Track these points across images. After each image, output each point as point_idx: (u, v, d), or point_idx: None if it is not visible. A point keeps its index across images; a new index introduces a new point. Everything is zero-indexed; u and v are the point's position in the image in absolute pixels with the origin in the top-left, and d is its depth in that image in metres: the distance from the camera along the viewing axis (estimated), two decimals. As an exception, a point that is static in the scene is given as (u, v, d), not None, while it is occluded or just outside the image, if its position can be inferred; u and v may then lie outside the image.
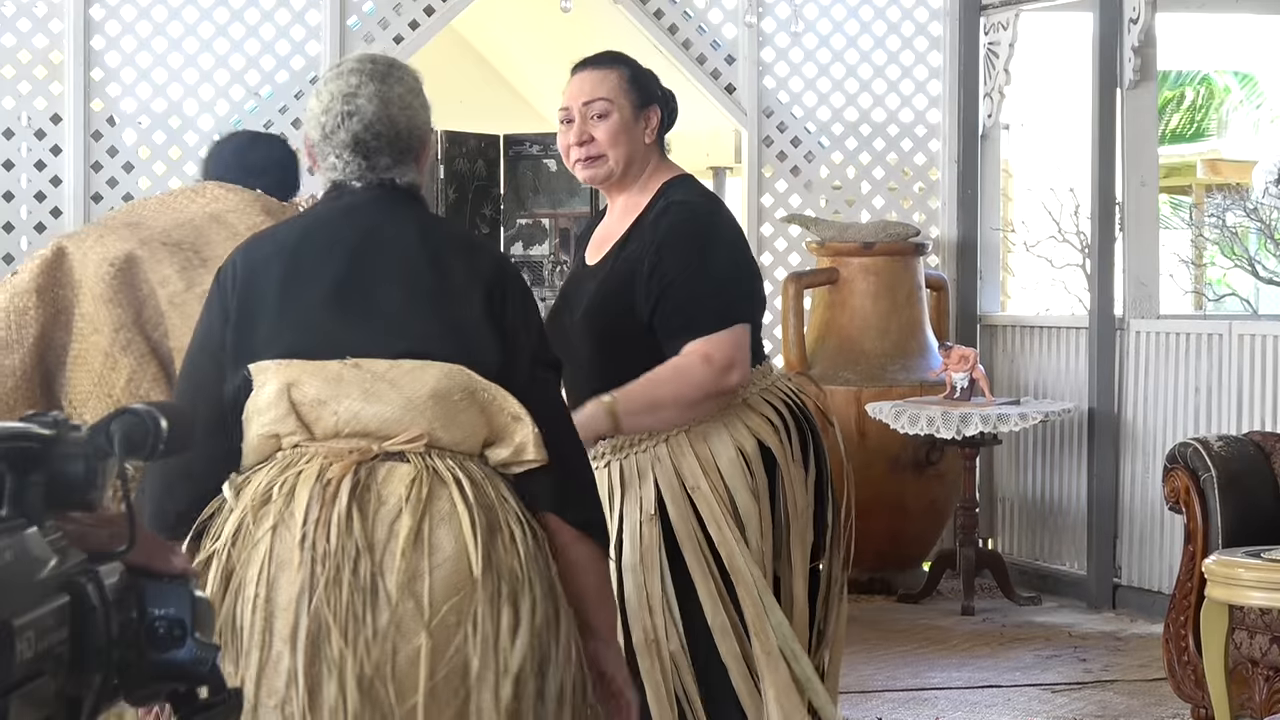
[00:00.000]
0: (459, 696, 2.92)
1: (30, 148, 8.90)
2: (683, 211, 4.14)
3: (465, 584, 2.95)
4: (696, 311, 4.05)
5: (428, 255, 3.14)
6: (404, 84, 3.22)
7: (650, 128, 4.20)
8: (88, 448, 1.71)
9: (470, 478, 3.01)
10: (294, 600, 2.92)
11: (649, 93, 4.22)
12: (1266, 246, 11.33)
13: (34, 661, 1.62)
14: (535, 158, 10.22)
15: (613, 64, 4.24)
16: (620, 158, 4.17)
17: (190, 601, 1.78)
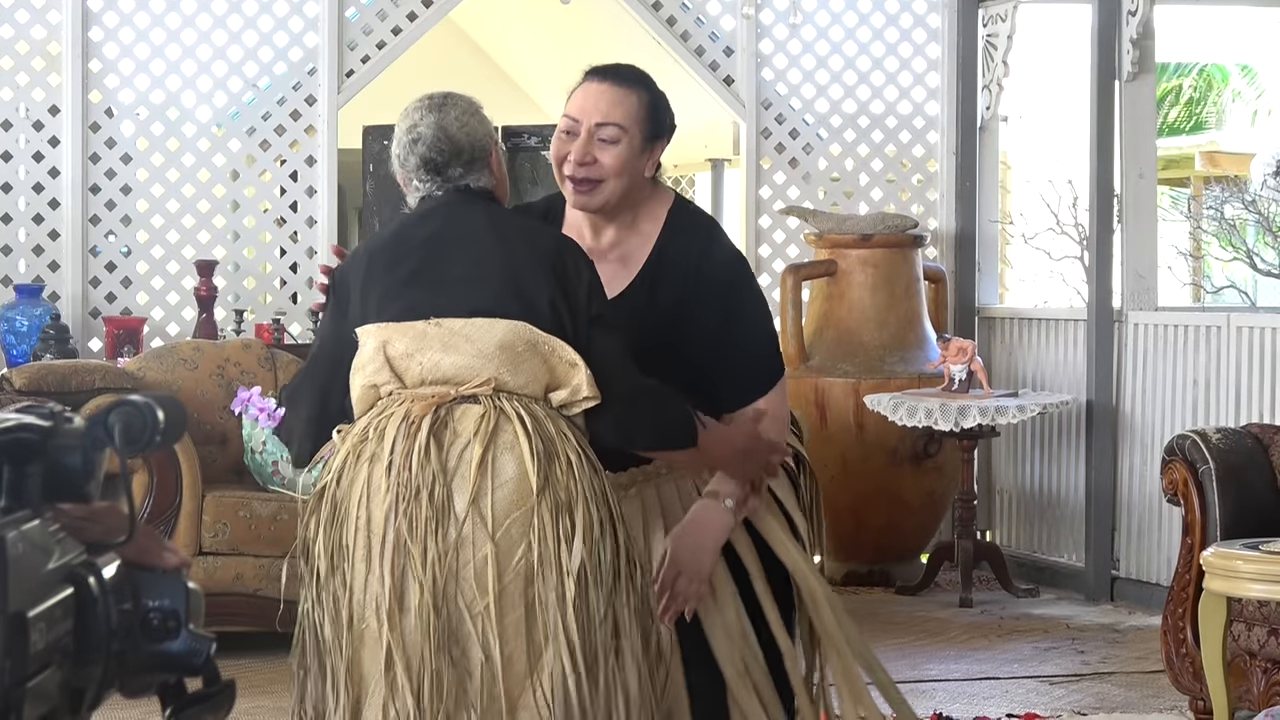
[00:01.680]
0: (526, 597, 3.43)
1: (28, 139, 8.89)
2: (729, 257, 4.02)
3: (526, 500, 3.45)
4: (763, 373, 4.01)
5: (495, 236, 3.69)
6: (458, 107, 3.80)
7: (653, 161, 3.97)
8: (85, 439, 1.71)
9: (532, 415, 3.52)
10: (383, 519, 3.46)
11: (661, 124, 3.98)
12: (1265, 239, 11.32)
13: (45, 653, 1.63)
14: (534, 150, 10.22)
15: (634, 85, 3.97)
16: (620, 188, 3.93)
17: (185, 593, 1.78)
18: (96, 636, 1.71)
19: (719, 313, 3.95)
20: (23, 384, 7.47)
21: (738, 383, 3.98)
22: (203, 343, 8.29)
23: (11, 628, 1.58)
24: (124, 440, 1.72)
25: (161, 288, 9.06)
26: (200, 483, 7.46)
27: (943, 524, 9.38)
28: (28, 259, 8.88)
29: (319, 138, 9.19)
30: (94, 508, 1.74)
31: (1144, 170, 9.05)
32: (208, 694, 1.80)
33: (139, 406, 1.75)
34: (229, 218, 9.24)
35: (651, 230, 4.00)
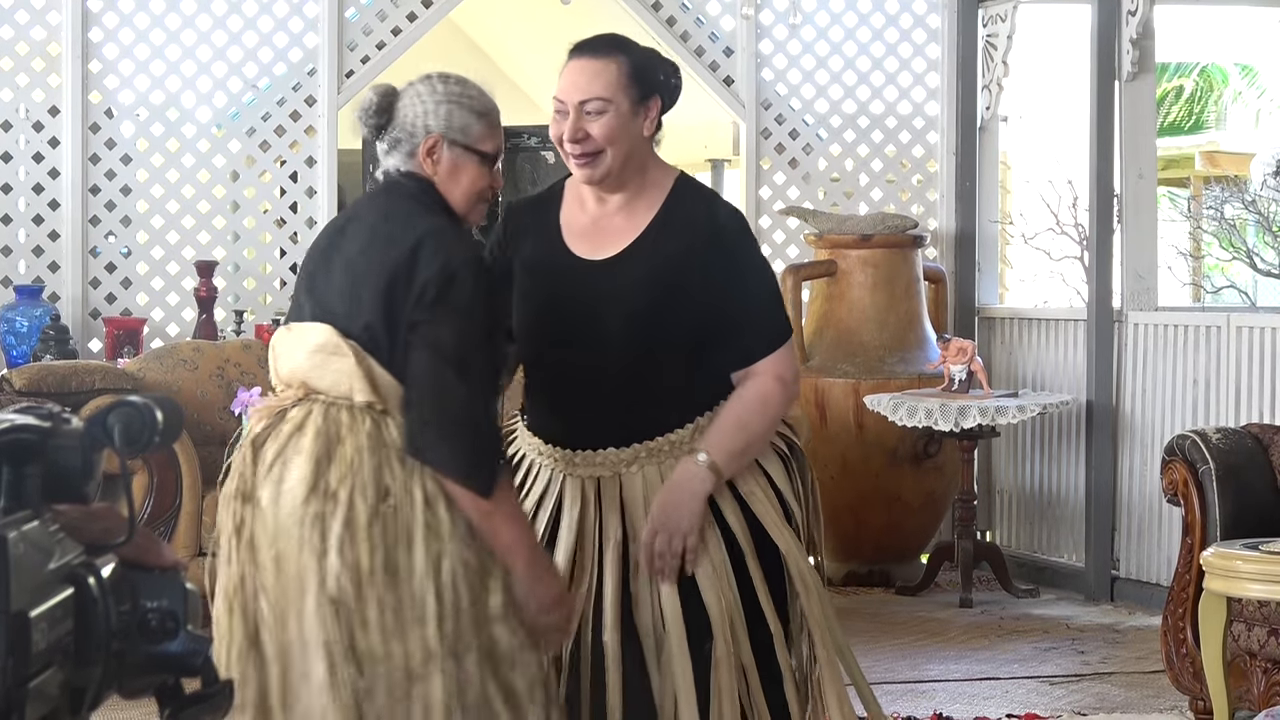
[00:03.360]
0: (301, 598, 3.56)
1: (28, 140, 8.90)
2: (732, 221, 4.04)
3: (303, 503, 3.59)
4: (767, 329, 4.00)
5: (368, 235, 3.73)
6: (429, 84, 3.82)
7: (650, 119, 4.01)
8: (84, 439, 1.71)
9: (327, 418, 3.64)
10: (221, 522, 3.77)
11: (649, 83, 4.02)
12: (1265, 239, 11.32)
13: (46, 653, 1.63)
14: (533, 150, 10.22)
15: (611, 53, 4.02)
16: (620, 154, 3.98)
17: (183, 594, 1.78)
18: (97, 637, 1.71)
19: (723, 269, 3.96)
20: (23, 385, 7.47)
21: (741, 340, 3.98)
22: (203, 343, 8.29)
23: (14, 628, 1.58)
24: (123, 441, 1.72)
25: (161, 288, 9.06)
26: (200, 483, 7.46)
27: (943, 524, 9.38)
28: (28, 260, 8.88)
29: (319, 138, 9.19)
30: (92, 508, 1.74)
31: (1144, 170, 9.05)
32: (206, 694, 1.80)
33: (138, 407, 1.75)
34: (229, 218, 9.24)
35: (658, 195, 4.06)
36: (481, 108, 3.80)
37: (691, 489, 3.89)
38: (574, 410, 4.04)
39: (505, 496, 3.64)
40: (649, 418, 3.98)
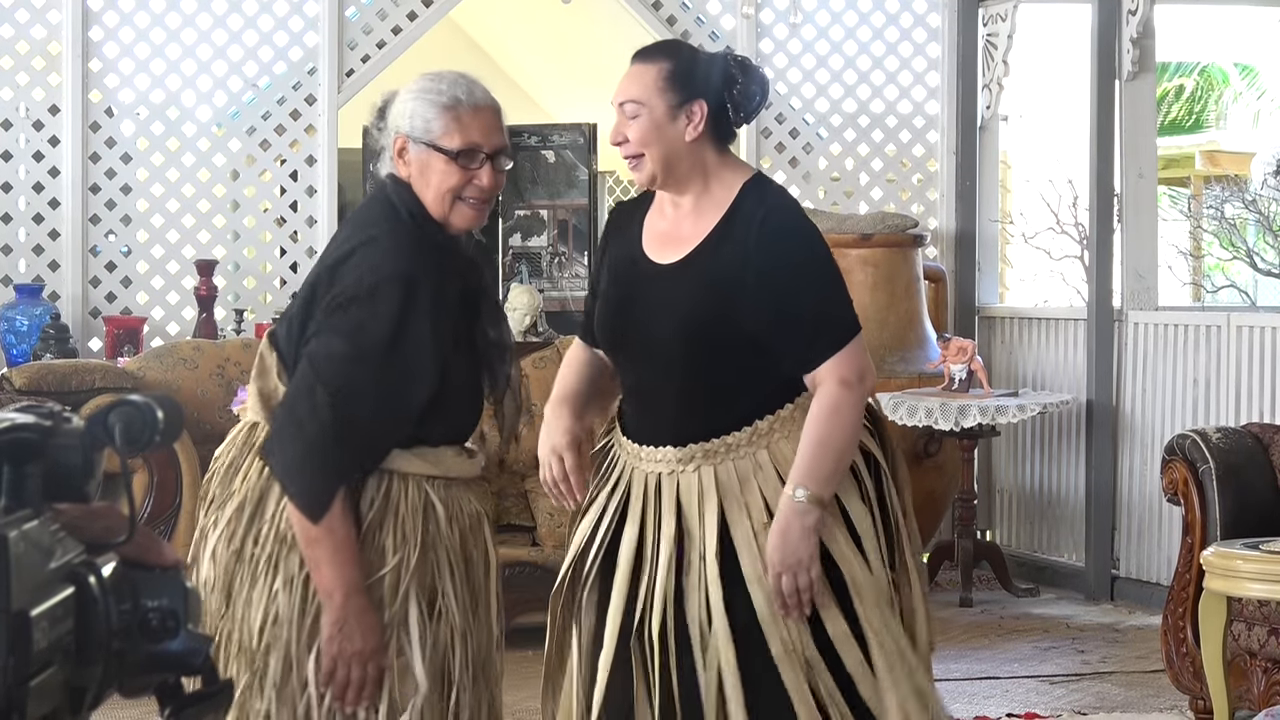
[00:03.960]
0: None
1: (28, 139, 8.90)
2: (785, 221, 4.00)
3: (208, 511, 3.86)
4: (822, 330, 3.96)
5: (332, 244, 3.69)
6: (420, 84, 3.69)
7: (694, 124, 3.96)
8: (84, 438, 1.71)
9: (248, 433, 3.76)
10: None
11: (692, 88, 3.97)
12: (1265, 238, 11.32)
13: (46, 652, 1.63)
14: (534, 149, 10.22)
15: (656, 58, 4.02)
16: (657, 158, 3.97)
17: (183, 593, 1.78)
18: (97, 636, 1.71)
19: (773, 273, 3.94)
20: (23, 384, 7.47)
21: (798, 345, 3.95)
22: (203, 342, 8.29)
23: (14, 627, 1.58)
24: (124, 440, 1.72)
25: (161, 287, 9.06)
26: (200, 482, 7.45)
27: (943, 523, 9.38)
28: (28, 258, 8.89)
29: (319, 137, 9.20)
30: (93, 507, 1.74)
31: (1144, 170, 9.05)
32: (206, 694, 1.81)
33: (139, 406, 1.75)
34: (229, 217, 9.25)
35: (726, 198, 4.02)
36: (447, 100, 3.61)
37: (802, 525, 3.87)
38: (639, 409, 4.09)
39: (333, 530, 3.48)
40: (705, 421, 3.98)
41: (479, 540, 3.71)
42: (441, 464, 3.63)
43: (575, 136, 10.25)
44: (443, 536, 3.62)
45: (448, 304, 3.54)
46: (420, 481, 3.61)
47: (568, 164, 10.18)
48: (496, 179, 3.63)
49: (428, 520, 3.60)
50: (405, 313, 3.48)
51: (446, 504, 3.63)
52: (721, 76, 4.01)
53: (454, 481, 3.67)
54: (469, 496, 3.71)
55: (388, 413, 3.54)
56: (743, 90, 4.02)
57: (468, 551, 3.67)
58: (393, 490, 3.58)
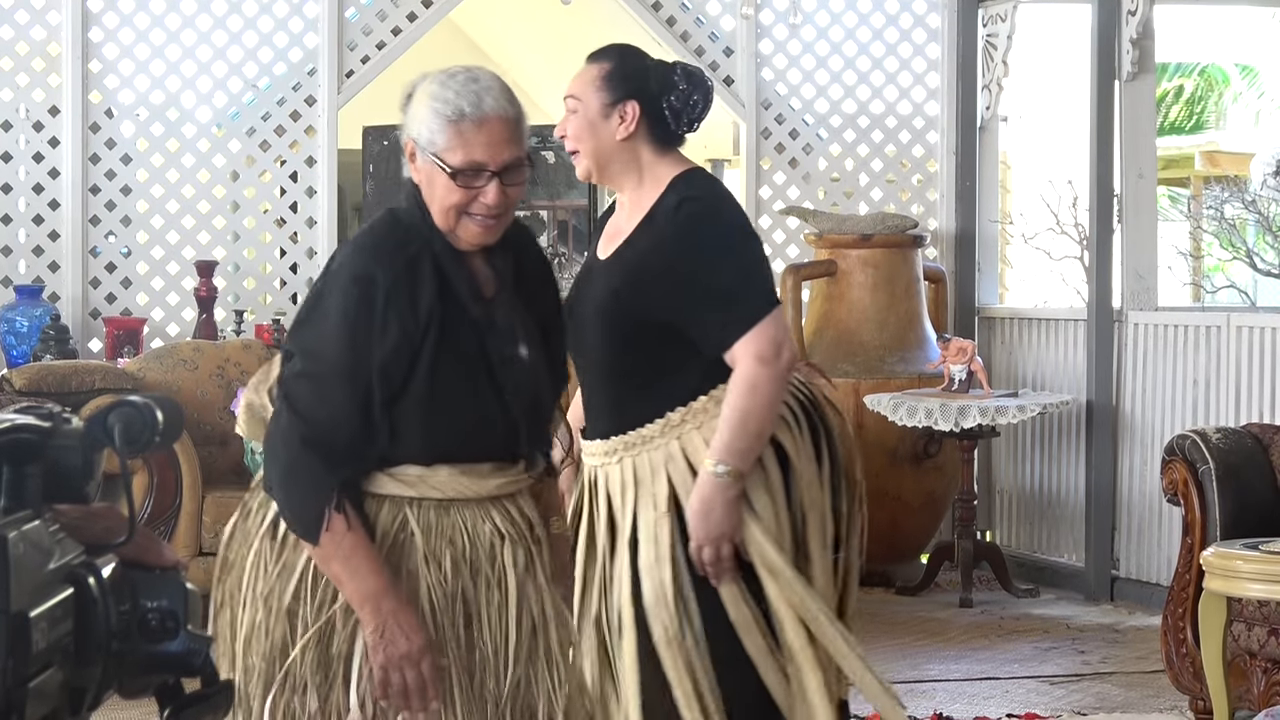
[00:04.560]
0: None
1: (28, 140, 8.89)
2: (695, 207, 4.10)
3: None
4: (734, 309, 4.04)
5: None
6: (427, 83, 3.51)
7: (625, 124, 4.12)
8: (84, 439, 1.71)
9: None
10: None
11: (627, 89, 4.13)
12: (1265, 239, 11.32)
13: (46, 653, 1.63)
14: (533, 149, 10.22)
15: (599, 59, 4.19)
16: (589, 152, 4.15)
17: (183, 594, 1.78)
18: (97, 637, 1.71)
19: (683, 259, 4.06)
20: (23, 385, 7.47)
21: (711, 327, 4.05)
22: (203, 343, 8.29)
23: (13, 628, 1.58)
24: (124, 441, 1.72)
25: (161, 288, 9.06)
26: (200, 483, 7.46)
27: (943, 524, 9.38)
28: (28, 260, 8.88)
29: (319, 138, 9.19)
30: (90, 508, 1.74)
31: (1144, 170, 9.05)
32: (206, 694, 1.80)
33: (138, 407, 1.75)
34: (229, 218, 9.24)
35: (656, 193, 4.16)
36: (451, 113, 3.37)
37: (724, 498, 3.98)
38: (584, 405, 4.26)
39: (338, 544, 3.32)
40: (626, 414, 4.12)
41: (495, 565, 3.43)
42: (426, 484, 3.39)
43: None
44: (418, 562, 3.39)
45: (418, 310, 3.33)
46: (400, 504, 3.40)
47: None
48: (506, 196, 3.39)
49: (397, 545, 3.39)
50: (355, 314, 3.32)
51: (438, 528, 3.40)
52: (661, 82, 4.15)
53: (456, 503, 3.41)
54: (484, 518, 3.43)
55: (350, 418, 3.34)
56: (682, 97, 4.15)
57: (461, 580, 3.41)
58: (367, 511, 3.39)
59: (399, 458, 3.39)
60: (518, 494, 3.48)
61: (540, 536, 3.51)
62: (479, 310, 3.40)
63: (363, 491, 3.38)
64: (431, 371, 3.35)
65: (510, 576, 3.44)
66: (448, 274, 3.38)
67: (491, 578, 3.43)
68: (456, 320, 3.37)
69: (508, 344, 3.42)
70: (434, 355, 3.35)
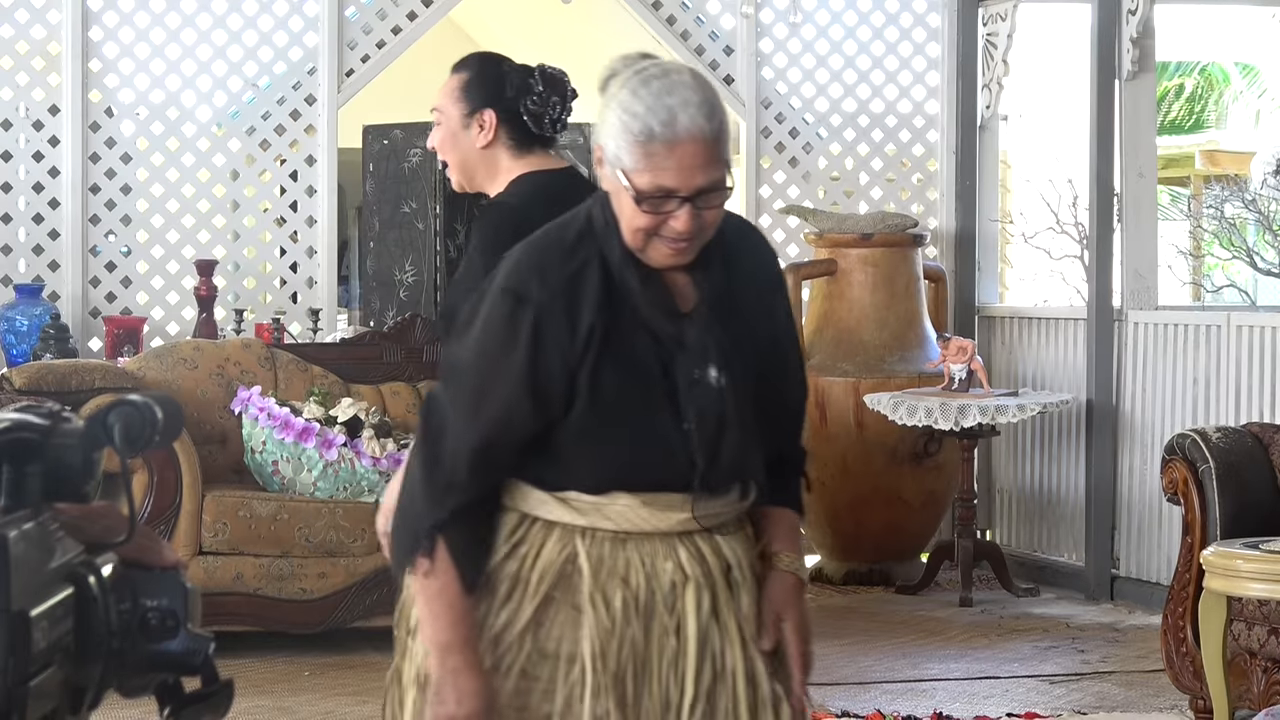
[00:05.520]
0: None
1: (28, 139, 8.90)
2: (485, 210, 4.20)
3: None
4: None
5: None
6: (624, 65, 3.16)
7: (485, 132, 4.16)
8: (84, 439, 1.71)
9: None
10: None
11: (482, 97, 4.17)
12: (1265, 238, 11.32)
13: (46, 652, 1.63)
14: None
15: (458, 69, 4.24)
16: (454, 164, 4.20)
17: (183, 593, 1.78)
18: (97, 635, 1.71)
19: (468, 252, 4.18)
20: (23, 383, 7.47)
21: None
22: (203, 342, 8.29)
23: (14, 627, 1.58)
24: (124, 440, 1.72)
25: (161, 287, 9.06)
26: (200, 482, 7.46)
27: (943, 523, 9.38)
28: (28, 259, 8.88)
29: (319, 137, 9.19)
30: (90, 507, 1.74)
31: (1144, 169, 9.05)
32: (206, 693, 1.80)
33: (138, 406, 1.74)
34: (229, 217, 9.24)
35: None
36: (639, 132, 2.95)
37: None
38: None
39: (422, 584, 3.07)
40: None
41: (673, 610, 3.08)
42: (600, 514, 3.07)
43: (575, 137, 10.24)
44: (584, 600, 3.06)
45: (577, 328, 3.00)
46: (570, 534, 3.08)
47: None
48: (698, 221, 2.99)
49: (564, 579, 3.08)
50: (500, 330, 3.02)
51: (610, 563, 3.08)
52: (516, 87, 4.19)
53: (634, 537, 3.07)
54: (667, 555, 3.09)
55: (472, 447, 3.04)
56: (540, 100, 4.20)
57: (632, 624, 3.06)
58: (529, 537, 3.08)
59: (569, 483, 3.07)
60: (714, 530, 3.11)
61: (739, 579, 3.13)
62: (670, 327, 3.05)
63: (532, 517, 3.08)
64: (595, 392, 3.02)
65: (690, 623, 3.08)
66: (628, 288, 3.03)
67: (668, 623, 3.07)
68: (628, 338, 3.03)
69: (697, 364, 3.05)
70: (598, 376, 3.01)
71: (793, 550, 3.23)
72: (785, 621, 3.18)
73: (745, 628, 3.13)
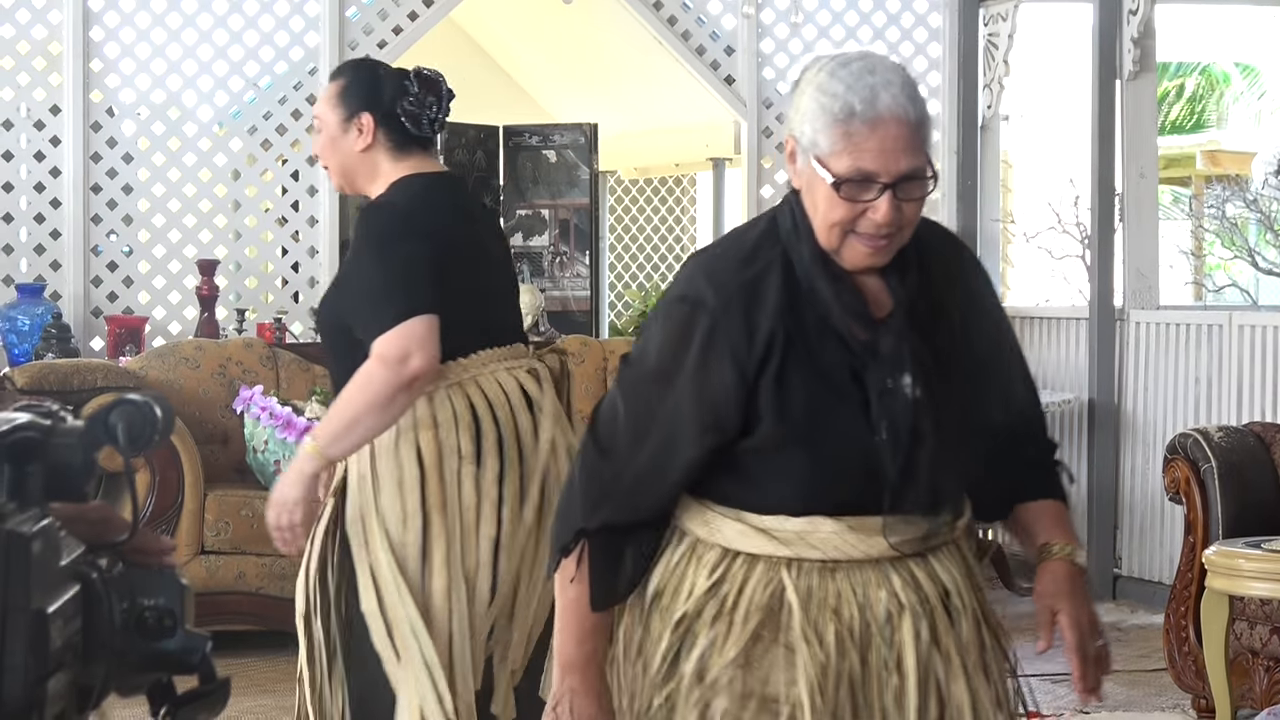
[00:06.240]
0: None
1: (29, 139, 8.89)
2: (369, 211, 4.25)
3: None
4: (371, 311, 4.14)
5: None
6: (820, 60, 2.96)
7: (363, 135, 4.25)
8: (84, 438, 1.71)
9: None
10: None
11: (359, 102, 4.27)
12: (1266, 237, 11.33)
13: (61, 651, 1.64)
14: (534, 149, 10.22)
15: (337, 75, 4.36)
16: (335, 168, 4.30)
17: (179, 591, 1.78)
18: (101, 634, 1.71)
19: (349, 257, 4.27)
20: (24, 383, 7.47)
21: (361, 323, 4.14)
22: (205, 342, 8.29)
23: (35, 625, 1.59)
24: (127, 439, 1.72)
25: (163, 287, 9.06)
26: (202, 482, 7.46)
27: (944, 523, 9.37)
28: (29, 258, 8.88)
29: (320, 137, 9.18)
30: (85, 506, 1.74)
31: (1145, 169, 9.05)
32: (204, 692, 1.81)
33: (139, 405, 1.75)
34: (230, 217, 9.24)
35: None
36: (839, 110, 2.75)
37: (298, 469, 4.10)
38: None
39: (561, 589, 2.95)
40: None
41: (891, 642, 2.87)
42: (804, 542, 2.84)
43: (576, 136, 10.26)
44: (796, 638, 2.83)
45: (755, 337, 2.80)
46: (775, 566, 2.85)
47: (569, 163, 10.18)
48: (900, 212, 2.78)
49: (772, 616, 2.85)
50: (675, 339, 2.83)
51: (820, 595, 2.85)
52: (392, 90, 4.28)
53: (843, 565, 2.85)
54: (880, 583, 2.88)
55: (638, 461, 2.86)
56: (416, 101, 4.28)
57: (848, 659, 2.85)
58: (730, 575, 2.86)
59: (766, 507, 2.84)
60: (927, 554, 2.91)
61: (959, 606, 2.97)
62: (863, 334, 2.83)
63: (733, 552, 2.86)
64: (782, 405, 2.81)
65: (909, 655, 2.87)
66: (816, 292, 2.83)
67: (887, 657, 2.86)
68: (816, 345, 2.83)
69: (891, 374, 2.83)
70: (783, 386, 2.81)
71: (1065, 537, 3.04)
72: (1061, 614, 3.03)
73: (967, 657, 2.97)
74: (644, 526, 2.91)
